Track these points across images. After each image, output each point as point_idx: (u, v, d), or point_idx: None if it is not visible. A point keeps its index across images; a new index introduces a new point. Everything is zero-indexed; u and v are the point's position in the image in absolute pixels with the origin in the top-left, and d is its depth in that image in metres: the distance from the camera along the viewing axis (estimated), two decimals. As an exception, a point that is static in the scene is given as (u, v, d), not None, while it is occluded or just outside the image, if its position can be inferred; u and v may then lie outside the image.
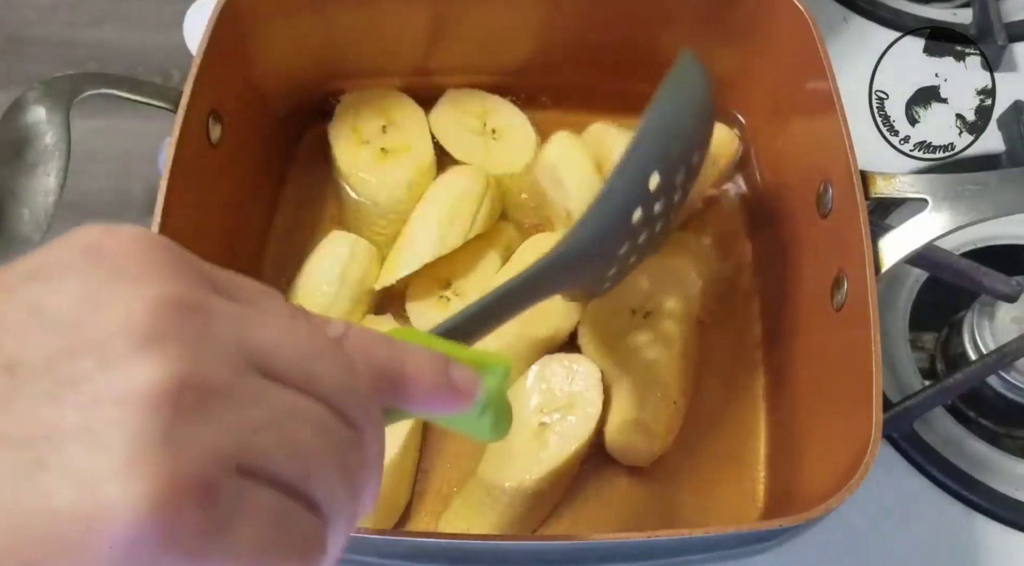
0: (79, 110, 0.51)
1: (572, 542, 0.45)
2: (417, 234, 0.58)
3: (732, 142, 0.63)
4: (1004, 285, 0.57)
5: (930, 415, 0.61)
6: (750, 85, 0.64)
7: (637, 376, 0.55)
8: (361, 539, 0.43)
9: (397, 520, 0.55)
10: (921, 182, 0.52)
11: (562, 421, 0.54)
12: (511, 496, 0.53)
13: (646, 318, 0.58)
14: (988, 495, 0.59)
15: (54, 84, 0.51)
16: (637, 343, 0.57)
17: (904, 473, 0.60)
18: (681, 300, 0.58)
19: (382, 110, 0.63)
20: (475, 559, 0.47)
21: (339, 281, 0.58)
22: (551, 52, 0.64)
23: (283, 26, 0.60)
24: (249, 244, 0.62)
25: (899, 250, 0.51)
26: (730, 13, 0.60)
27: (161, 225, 0.48)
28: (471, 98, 0.65)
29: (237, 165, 0.59)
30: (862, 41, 0.74)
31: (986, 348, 0.60)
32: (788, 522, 0.43)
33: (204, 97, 0.53)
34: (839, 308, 0.52)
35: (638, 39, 0.63)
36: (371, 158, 0.61)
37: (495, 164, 0.62)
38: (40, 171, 0.50)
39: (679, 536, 0.45)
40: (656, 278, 0.59)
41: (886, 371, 0.60)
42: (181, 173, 0.50)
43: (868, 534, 0.58)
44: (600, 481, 0.57)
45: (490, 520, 0.53)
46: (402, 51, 0.64)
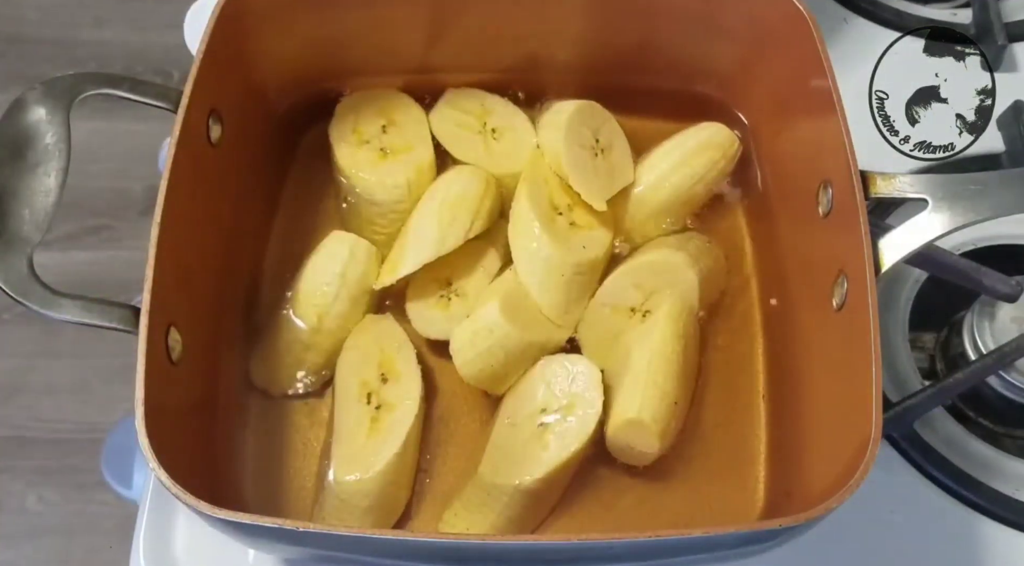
0: (79, 110, 0.51)
1: (572, 542, 0.45)
2: (417, 234, 0.58)
3: (732, 142, 0.63)
4: (1004, 285, 0.57)
5: (930, 415, 0.61)
6: (751, 85, 0.64)
7: (637, 376, 0.55)
8: (361, 539, 0.43)
9: (397, 520, 0.55)
10: (921, 182, 0.52)
11: (562, 422, 0.54)
12: (511, 496, 0.53)
13: (645, 318, 0.58)
14: (988, 495, 0.59)
15: (54, 84, 0.51)
16: (637, 343, 0.57)
17: (904, 473, 0.60)
18: (681, 300, 0.58)
19: (382, 110, 0.63)
20: (475, 559, 0.47)
21: (339, 281, 0.58)
22: (551, 50, 0.64)
23: (283, 26, 0.60)
24: (249, 244, 0.62)
25: (899, 250, 0.50)
26: (730, 13, 0.60)
27: (161, 225, 0.48)
28: (471, 98, 0.65)
29: (237, 165, 0.59)
30: (862, 41, 0.74)
31: (986, 348, 0.60)
32: (788, 522, 0.43)
33: (204, 97, 0.53)
34: (839, 308, 0.52)
35: (638, 37, 0.63)
36: (371, 158, 0.61)
37: (495, 164, 0.62)
38: (40, 171, 0.50)
39: (679, 536, 0.45)
40: (656, 278, 0.59)
41: (886, 371, 0.60)
42: (181, 173, 0.50)
43: (868, 534, 0.58)
44: (600, 481, 0.57)
45: (490, 520, 0.53)
46: (402, 49, 0.64)
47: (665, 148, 0.63)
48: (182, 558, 0.57)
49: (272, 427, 0.58)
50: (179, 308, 0.50)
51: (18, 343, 1.31)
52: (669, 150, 0.63)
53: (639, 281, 0.59)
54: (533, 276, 0.58)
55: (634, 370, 0.56)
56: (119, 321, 0.47)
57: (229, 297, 0.59)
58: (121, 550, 0.57)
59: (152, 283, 0.47)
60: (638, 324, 0.58)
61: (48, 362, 1.31)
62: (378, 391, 0.56)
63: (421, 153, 0.62)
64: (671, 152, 0.62)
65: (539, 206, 0.59)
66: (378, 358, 0.57)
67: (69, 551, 1.22)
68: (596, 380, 0.55)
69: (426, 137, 0.63)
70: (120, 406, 0.48)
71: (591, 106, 0.62)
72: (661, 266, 0.59)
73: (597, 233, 0.60)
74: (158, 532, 0.57)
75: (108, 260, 1.36)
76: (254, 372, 0.58)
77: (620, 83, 0.65)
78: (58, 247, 1.33)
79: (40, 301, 0.47)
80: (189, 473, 0.44)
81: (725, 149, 0.63)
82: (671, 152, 0.62)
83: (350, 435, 0.55)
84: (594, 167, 0.60)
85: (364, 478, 0.53)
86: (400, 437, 0.54)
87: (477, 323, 0.56)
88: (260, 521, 0.42)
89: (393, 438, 0.54)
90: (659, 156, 0.63)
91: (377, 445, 0.54)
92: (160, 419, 0.45)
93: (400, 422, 0.54)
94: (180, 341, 0.50)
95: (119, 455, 0.68)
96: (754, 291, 0.63)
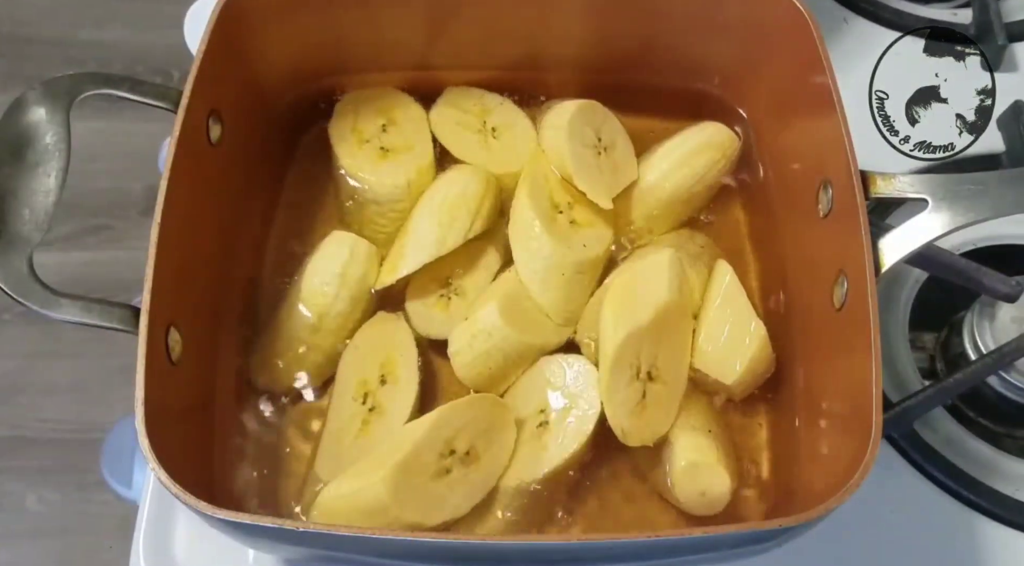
0: (79, 110, 0.51)
1: (572, 542, 0.45)
2: (417, 234, 0.58)
3: (733, 142, 0.64)
4: (1004, 285, 0.57)
5: (930, 415, 0.61)
6: (751, 85, 0.64)
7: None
8: (361, 539, 0.43)
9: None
10: (921, 182, 0.52)
11: (562, 421, 0.54)
12: (510, 496, 0.53)
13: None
14: (988, 495, 0.59)
15: (54, 84, 0.51)
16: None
17: (904, 473, 0.60)
18: (679, 298, 0.58)
19: (382, 109, 0.63)
20: (475, 559, 0.47)
21: (339, 280, 0.58)
22: (551, 48, 0.64)
23: (283, 25, 0.60)
24: (249, 244, 0.62)
25: (899, 250, 0.51)
26: (731, 12, 0.60)
27: (161, 225, 0.48)
28: (471, 97, 0.65)
29: (237, 165, 0.59)
30: (862, 41, 0.74)
31: (986, 348, 0.60)
32: (788, 522, 0.43)
33: (204, 97, 0.53)
34: (839, 308, 0.52)
35: (639, 36, 0.63)
36: (371, 157, 0.61)
37: (495, 163, 0.62)
38: (40, 171, 0.50)
39: (679, 536, 0.45)
40: (655, 276, 0.59)
41: (886, 371, 0.60)
42: (181, 173, 0.50)
43: (868, 534, 0.58)
44: (600, 481, 0.57)
45: (489, 520, 0.53)
46: (401, 47, 0.64)
47: (666, 148, 0.63)
48: (182, 558, 0.57)
49: (272, 427, 0.58)
50: (179, 308, 0.50)
51: (18, 343, 1.31)
52: (670, 150, 0.63)
53: (638, 279, 0.59)
54: (534, 275, 0.58)
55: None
56: (119, 321, 0.47)
57: (229, 297, 0.59)
58: (121, 550, 0.57)
59: (152, 283, 0.47)
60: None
61: (48, 362, 1.31)
62: (375, 392, 0.56)
63: (421, 152, 0.62)
64: (672, 152, 0.63)
65: (540, 205, 0.59)
66: (382, 358, 0.57)
67: (69, 551, 1.22)
68: (595, 379, 0.55)
69: (426, 136, 0.63)
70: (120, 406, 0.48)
71: (592, 105, 0.62)
72: (659, 265, 0.59)
73: (598, 231, 0.60)
74: (158, 532, 0.57)
75: (108, 260, 1.36)
76: (254, 372, 0.58)
77: (621, 81, 0.65)
78: (58, 247, 1.33)
79: (40, 301, 0.47)
80: (189, 473, 0.44)
81: (725, 149, 0.63)
82: (672, 152, 0.63)
83: (340, 432, 0.55)
84: (598, 166, 0.60)
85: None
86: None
87: (476, 326, 0.56)
88: (260, 521, 0.42)
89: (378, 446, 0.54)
90: (660, 156, 0.63)
91: (361, 451, 0.54)
92: (160, 419, 0.45)
93: (389, 432, 0.55)
94: (180, 341, 0.50)
95: (119, 455, 0.68)
96: (754, 291, 0.63)
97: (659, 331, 0.55)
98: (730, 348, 0.57)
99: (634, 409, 0.54)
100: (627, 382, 0.54)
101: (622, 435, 0.53)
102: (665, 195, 0.62)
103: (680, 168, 0.62)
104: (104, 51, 1.46)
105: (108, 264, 1.35)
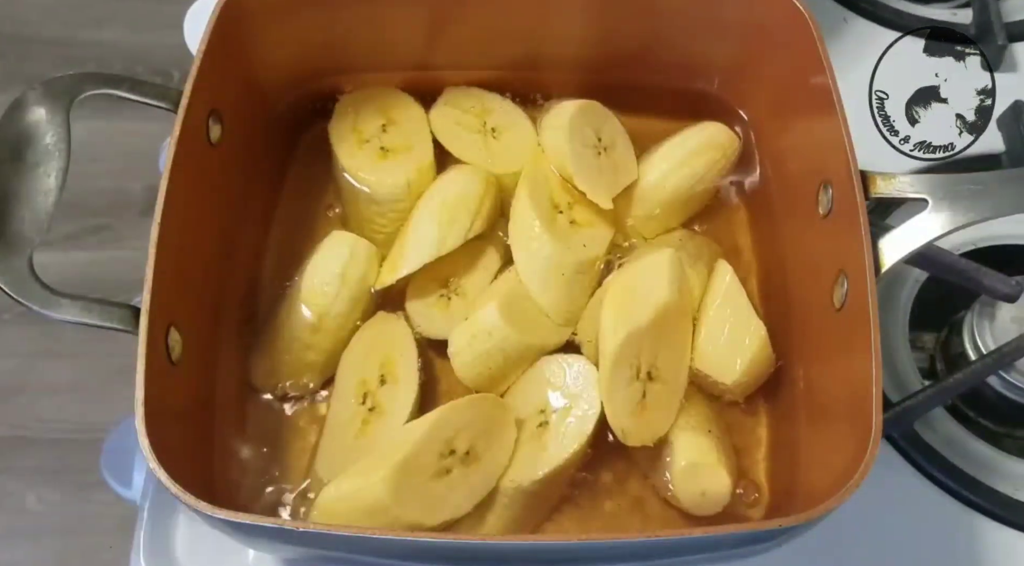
0: (79, 110, 0.51)
1: (572, 542, 0.45)
2: (417, 234, 0.58)
3: (733, 142, 0.64)
4: (1004, 285, 0.57)
5: (930, 415, 0.61)
6: (751, 85, 0.64)
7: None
8: (361, 539, 0.43)
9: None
10: (921, 182, 0.52)
11: (561, 421, 0.54)
12: (510, 496, 0.53)
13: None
14: (988, 495, 0.59)
15: (54, 84, 0.51)
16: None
17: (904, 473, 0.60)
18: (679, 298, 0.58)
19: (382, 109, 0.63)
20: (475, 559, 0.47)
21: (339, 280, 0.58)
22: (551, 48, 0.65)
23: (283, 25, 0.60)
24: (249, 244, 0.62)
25: (899, 250, 0.51)
26: (731, 12, 0.60)
27: (161, 225, 0.48)
28: (470, 97, 0.65)
29: (237, 165, 0.59)
30: (862, 41, 0.74)
31: (986, 348, 0.60)
32: (788, 522, 0.43)
33: (204, 97, 0.53)
34: (839, 308, 0.52)
35: (639, 36, 0.63)
36: (371, 157, 0.61)
37: (495, 163, 0.62)
38: (40, 171, 0.50)
39: (679, 536, 0.45)
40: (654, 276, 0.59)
41: (886, 371, 0.60)
42: (181, 173, 0.50)
43: (868, 534, 0.58)
44: (600, 481, 0.57)
45: (489, 520, 0.53)
46: (401, 47, 0.64)
47: (666, 148, 0.63)
48: (182, 558, 0.57)
49: (272, 427, 0.58)
50: (179, 308, 0.50)
51: (18, 343, 1.31)
52: (670, 150, 0.63)
53: (637, 279, 0.59)
54: (534, 275, 0.58)
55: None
56: (119, 321, 0.47)
57: (229, 297, 0.59)
58: (121, 550, 0.57)
59: (152, 283, 0.47)
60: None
61: (48, 362, 1.31)
62: (375, 392, 0.56)
63: (421, 152, 0.62)
64: (672, 152, 0.63)
65: (540, 205, 0.59)
66: (381, 358, 0.57)
67: (69, 551, 1.22)
68: (595, 379, 0.55)
69: (426, 136, 0.63)
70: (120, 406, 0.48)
71: (592, 105, 0.62)
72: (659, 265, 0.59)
73: (598, 231, 0.60)
74: (158, 532, 0.57)
75: (108, 260, 1.36)
76: (254, 372, 0.58)
77: (621, 81, 0.65)
78: (58, 247, 1.33)
79: (40, 301, 0.47)
80: (189, 473, 0.44)
81: (725, 149, 0.63)
82: (672, 152, 0.63)
83: (340, 432, 0.55)
84: (598, 166, 0.60)
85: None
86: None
87: (476, 326, 0.56)
88: (260, 521, 0.42)
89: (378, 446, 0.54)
90: (660, 156, 0.63)
91: (361, 451, 0.54)
92: (160, 419, 0.45)
93: (389, 432, 0.55)
94: (180, 341, 0.50)
95: (119, 455, 0.68)
96: (754, 291, 0.63)
97: (659, 331, 0.55)
98: (730, 348, 0.57)
99: (634, 409, 0.54)
100: (627, 382, 0.54)
101: (622, 435, 0.53)
102: (665, 195, 0.62)
103: (680, 168, 0.62)
104: (104, 51, 1.46)
105: (108, 264, 1.35)
